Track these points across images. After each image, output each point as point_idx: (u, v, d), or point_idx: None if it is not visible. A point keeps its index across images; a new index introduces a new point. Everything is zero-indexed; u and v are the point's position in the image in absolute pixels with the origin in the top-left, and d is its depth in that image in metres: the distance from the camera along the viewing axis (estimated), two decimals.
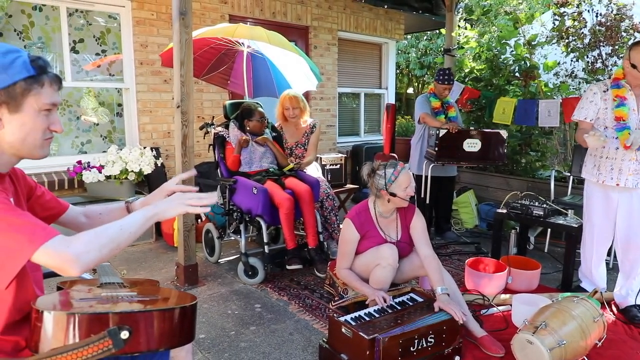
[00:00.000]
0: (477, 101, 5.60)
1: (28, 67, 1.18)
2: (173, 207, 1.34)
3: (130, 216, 1.29)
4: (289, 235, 3.55)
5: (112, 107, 4.95)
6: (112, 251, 1.20)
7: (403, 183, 2.66)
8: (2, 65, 1.15)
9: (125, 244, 1.24)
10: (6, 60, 1.16)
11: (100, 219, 1.62)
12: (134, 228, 1.25)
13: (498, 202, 4.81)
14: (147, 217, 1.29)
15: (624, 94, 2.83)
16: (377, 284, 2.67)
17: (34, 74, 1.19)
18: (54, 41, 4.50)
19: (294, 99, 4.13)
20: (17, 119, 1.20)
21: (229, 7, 5.48)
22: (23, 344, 1.25)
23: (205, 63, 4.19)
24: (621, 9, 4.85)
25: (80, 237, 1.17)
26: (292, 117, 4.16)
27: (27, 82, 1.18)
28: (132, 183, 4.39)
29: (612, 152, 2.88)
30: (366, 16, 7.05)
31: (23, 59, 1.18)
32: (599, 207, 3.03)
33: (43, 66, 1.22)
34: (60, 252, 1.11)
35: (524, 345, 2.22)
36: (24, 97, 1.18)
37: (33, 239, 1.11)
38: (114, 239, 1.21)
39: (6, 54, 1.17)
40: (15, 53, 1.19)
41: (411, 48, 12.17)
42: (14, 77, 1.16)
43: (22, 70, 1.17)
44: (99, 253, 1.17)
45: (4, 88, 1.16)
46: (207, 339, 2.71)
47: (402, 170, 2.68)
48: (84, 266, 1.14)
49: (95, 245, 1.16)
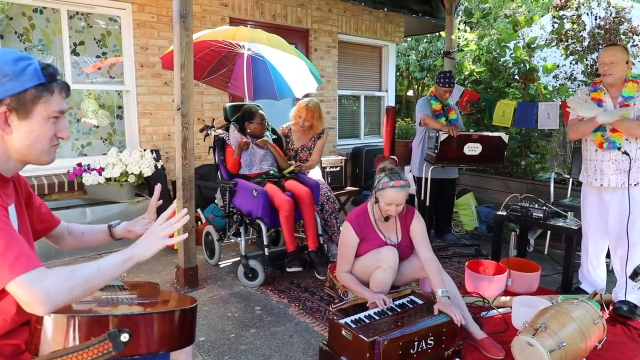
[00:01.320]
0: (476, 103, 5.61)
1: (39, 74, 1.19)
2: (150, 246, 1.31)
3: (108, 258, 1.25)
4: (289, 237, 3.55)
5: (112, 110, 4.96)
6: (85, 292, 1.16)
7: (387, 197, 2.64)
8: (13, 72, 1.16)
9: (99, 287, 1.21)
10: (18, 67, 1.17)
11: (82, 238, 1.62)
12: (111, 271, 1.22)
13: (498, 204, 4.81)
14: (125, 259, 1.25)
15: (600, 96, 3.00)
16: (378, 286, 2.67)
17: (44, 82, 1.20)
18: (54, 44, 4.51)
19: (310, 113, 4.08)
20: (26, 126, 1.20)
21: (230, 10, 5.49)
22: (23, 347, 1.25)
23: (205, 65, 4.20)
24: (620, 12, 4.86)
25: (56, 272, 1.12)
26: (301, 127, 4.16)
27: (37, 89, 1.19)
28: (132, 185, 4.39)
29: (593, 154, 3.02)
30: (366, 19, 7.07)
31: (34, 66, 1.19)
32: (594, 208, 3.12)
33: (53, 74, 1.23)
34: (33, 288, 1.07)
35: (524, 347, 2.22)
36: (34, 105, 1.19)
37: (14, 267, 1.08)
38: (88, 279, 1.17)
39: (18, 61, 1.17)
40: (27, 60, 1.19)
41: (411, 50, 12.18)
42: (25, 84, 1.17)
43: (33, 78, 1.18)
44: (71, 294, 1.13)
45: (15, 95, 1.16)
46: (207, 341, 2.71)
47: (392, 187, 2.63)
48: (52, 307, 1.09)
49: (68, 285, 1.12)
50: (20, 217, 1.31)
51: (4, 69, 1.15)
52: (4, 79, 1.15)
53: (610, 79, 2.91)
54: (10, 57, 1.18)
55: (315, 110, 4.12)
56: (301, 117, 4.10)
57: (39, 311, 1.09)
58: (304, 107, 4.11)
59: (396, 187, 2.63)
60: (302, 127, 4.16)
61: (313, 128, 4.19)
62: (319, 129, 4.22)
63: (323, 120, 4.24)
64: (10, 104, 1.17)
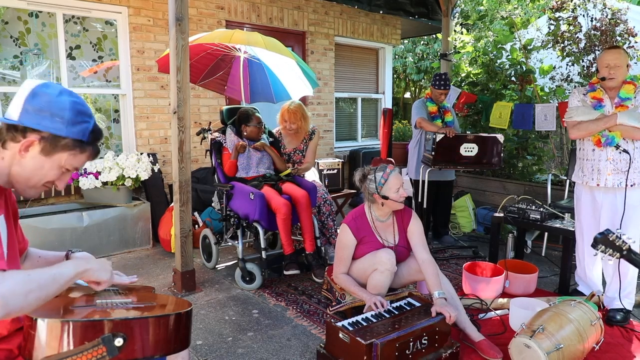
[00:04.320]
0: (473, 105, 5.62)
1: (86, 134, 1.27)
2: (104, 270, 1.36)
3: (62, 266, 1.24)
4: (286, 240, 3.55)
5: (108, 113, 4.95)
6: (38, 300, 1.14)
7: (393, 185, 2.67)
8: (68, 120, 1.23)
9: (52, 296, 1.19)
10: (75, 119, 1.25)
11: (38, 262, 1.58)
12: (63, 280, 1.21)
13: (495, 206, 4.82)
14: (79, 272, 1.26)
15: (600, 96, 2.98)
16: (375, 289, 2.67)
17: (84, 140, 1.27)
18: (50, 47, 4.50)
19: (292, 115, 4.08)
20: (40, 161, 1.25)
21: (226, 13, 5.50)
22: (16, 352, 1.25)
23: (202, 69, 4.19)
24: (616, 13, 4.87)
25: (12, 276, 1.10)
26: (289, 130, 4.16)
27: (74, 142, 1.26)
28: (128, 189, 4.38)
29: (590, 153, 3.01)
30: (363, 21, 7.08)
31: (88, 126, 1.27)
32: (587, 209, 3.11)
33: (97, 139, 1.31)
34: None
35: (521, 349, 2.22)
36: (62, 151, 1.26)
37: None
38: (43, 286, 1.15)
39: (78, 115, 1.25)
40: (86, 118, 1.28)
41: (408, 53, 12.20)
42: (69, 133, 1.24)
43: (79, 133, 1.26)
44: (25, 299, 1.10)
45: (55, 134, 1.23)
46: (205, 345, 2.70)
47: (391, 172, 2.69)
48: (5, 311, 1.07)
49: (23, 289, 1.10)
50: (10, 229, 1.30)
51: (64, 112, 1.23)
52: (57, 118, 1.22)
53: (614, 83, 2.90)
54: (76, 107, 1.25)
55: (298, 111, 4.11)
56: (286, 121, 4.11)
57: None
58: (285, 110, 4.12)
59: (392, 171, 2.70)
60: (290, 131, 4.16)
61: (301, 129, 4.18)
62: (306, 129, 4.21)
63: (308, 119, 4.22)
64: (44, 138, 1.23)
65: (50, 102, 1.22)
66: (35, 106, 1.21)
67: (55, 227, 3.97)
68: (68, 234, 4.04)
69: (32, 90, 1.22)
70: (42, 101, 1.21)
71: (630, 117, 2.80)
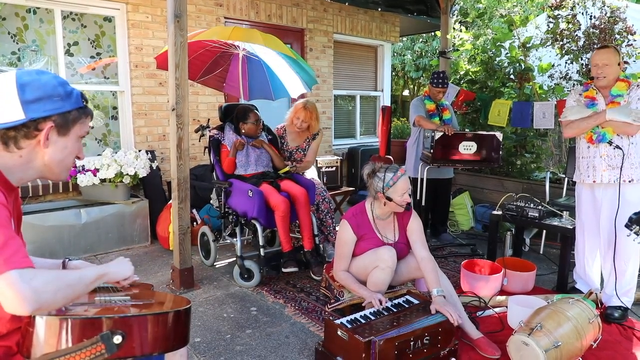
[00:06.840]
0: (472, 103, 5.62)
1: (79, 99, 1.33)
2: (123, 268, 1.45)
3: (84, 270, 1.31)
4: (284, 238, 3.55)
5: (107, 110, 4.94)
6: (65, 299, 1.17)
7: (400, 189, 2.67)
8: (64, 94, 1.28)
9: (77, 297, 1.22)
10: (67, 90, 1.30)
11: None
12: (88, 281, 1.26)
13: (493, 204, 4.82)
14: (99, 275, 1.31)
15: (592, 94, 3.01)
16: (375, 286, 2.67)
17: (82, 106, 1.34)
18: (48, 44, 4.49)
19: (309, 114, 4.10)
20: (62, 142, 1.31)
21: (225, 10, 5.48)
22: (15, 349, 1.25)
23: (200, 66, 4.19)
24: (615, 11, 4.86)
25: (43, 273, 1.14)
26: (299, 128, 4.16)
27: (79, 111, 1.33)
28: (127, 186, 4.37)
29: (585, 150, 3.04)
30: (361, 19, 7.07)
31: (77, 92, 1.33)
32: (588, 206, 3.12)
33: (87, 100, 1.38)
34: (20, 285, 1.07)
35: (519, 346, 2.23)
36: (74, 124, 1.32)
37: (9, 261, 1.08)
38: (70, 285, 1.19)
39: (65, 85, 1.30)
40: (69, 85, 1.33)
41: (407, 50, 12.20)
42: (70, 105, 1.30)
43: (77, 101, 1.32)
44: (54, 296, 1.13)
45: (62, 113, 1.28)
46: (203, 342, 2.70)
47: (401, 176, 2.68)
48: (37, 306, 1.09)
49: (53, 286, 1.13)
50: (17, 228, 1.32)
51: (57, 89, 1.27)
52: (55, 98, 1.26)
53: (603, 82, 2.92)
54: (59, 80, 1.30)
55: (314, 111, 4.14)
56: (299, 119, 4.10)
57: (22, 308, 1.08)
58: (301, 107, 4.11)
59: (403, 175, 2.69)
60: (300, 129, 4.15)
61: (310, 129, 4.19)
62: (316, 129, 4.22)
63: (319, 121, 4.25)
64: (56, 120, 1.27)
65: (40, 87, 1.24)
66: (32, 97, 1.22)
67: (53, 225, 3.96)
68: (66, 231, 4.03)
69: (17, 84, 1.21)
70: (34, 89, 1.23)
71: (619, 113, 2.81)
